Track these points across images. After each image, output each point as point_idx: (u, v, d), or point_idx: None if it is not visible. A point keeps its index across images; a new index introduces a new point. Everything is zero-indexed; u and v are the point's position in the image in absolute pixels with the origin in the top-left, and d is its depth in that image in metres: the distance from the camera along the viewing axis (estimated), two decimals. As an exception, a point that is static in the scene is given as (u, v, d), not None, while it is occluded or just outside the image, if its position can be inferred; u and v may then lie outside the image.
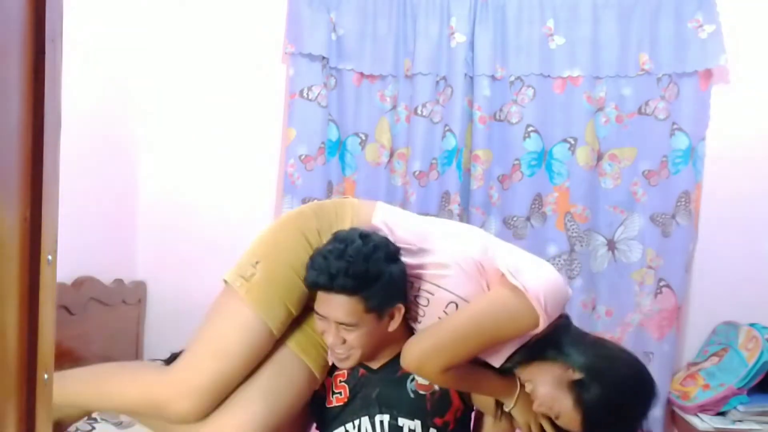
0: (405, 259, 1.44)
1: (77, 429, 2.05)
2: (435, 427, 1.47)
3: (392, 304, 1.43)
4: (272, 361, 1.44)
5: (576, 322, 2.70)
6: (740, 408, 2.44)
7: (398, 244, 1.44)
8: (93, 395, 1.48)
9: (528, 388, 1.39)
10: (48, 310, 0.65)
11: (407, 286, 1.45)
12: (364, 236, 1.39)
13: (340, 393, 1.52)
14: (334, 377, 1.55)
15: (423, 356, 1.37)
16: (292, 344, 1.47)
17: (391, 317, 1.44)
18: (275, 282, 1.42)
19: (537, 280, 1.35)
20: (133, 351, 2.82)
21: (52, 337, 0.68)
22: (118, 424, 2.17)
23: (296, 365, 1.46)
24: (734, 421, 2.44)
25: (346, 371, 1.53)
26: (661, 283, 2.69)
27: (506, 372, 1.44)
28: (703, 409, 2.49)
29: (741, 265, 2.72)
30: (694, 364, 2.69)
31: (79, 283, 2.35)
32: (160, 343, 2.84)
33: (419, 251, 1.45)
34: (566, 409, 1.33)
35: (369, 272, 1.35)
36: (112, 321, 2.61)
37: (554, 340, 1.39)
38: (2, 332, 0.60)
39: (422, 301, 1.45)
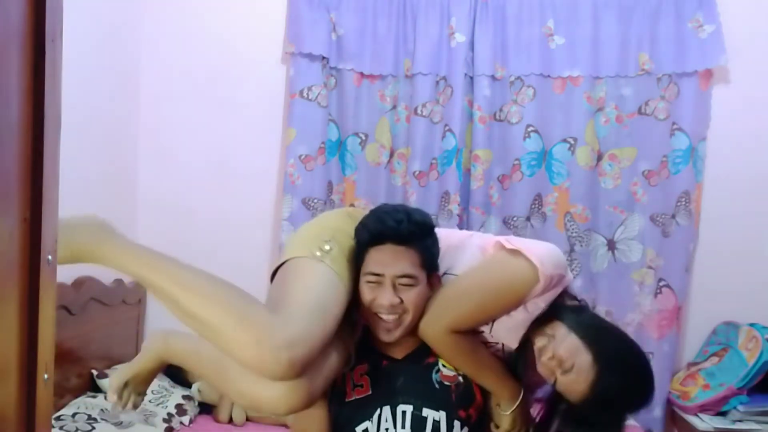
0: None
1: (77, 429, 2.05)
2: (459, 419, 1.43)
3: (437, 266, 1.46)
4: None
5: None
6: (740, 408, 2.44)
7: None
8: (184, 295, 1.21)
9: (540, 343, 1.36)
10: (48, 310, 0.65)
11: None
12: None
13: (361, 385, 1.46)
14: (354, 371, 1.49)
15: (428, 316, 1.39)
16: None
17: (432, 286, 1.45)
18: (348, 258, 1.43)
19: (530, 243, 1.42)
20: (133, 351, 2.82)
21: (52, 337, 0.68)
22: (118, 424, 2.17)
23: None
24: (734, 421, 2.44)
25: (367, 364, 1.48)
26: (661, 283, 2.69)
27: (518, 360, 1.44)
28: (703, 409, 2.49)
29: (741, 265, 2.73)
30: (694, 364, 2.70)
31: (79, 283, 2.35)
32: (160, 343, 2.85)
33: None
34: (584, 365, 1.29)
35: (426, 223, 1.43)
36: (112, 321, 2.61)
37: (573, 307, 1.41)
38: (2, 332, 0.60)
39: None
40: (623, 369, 1.31)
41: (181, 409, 2.41)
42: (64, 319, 2.21)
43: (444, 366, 1.47)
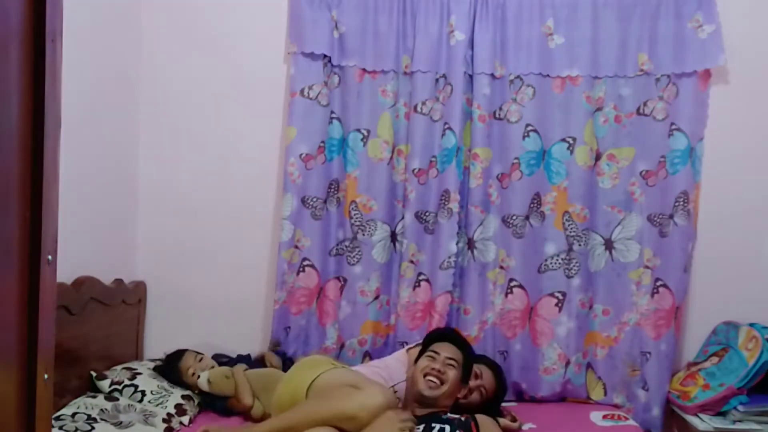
0: None
1: (77, 429, 2.05)
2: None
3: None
4: None
5: (574, 320, 2.71)
6: (740, 408, 2.44)
7: None
8: None
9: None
10: (48, 310, 0.65)
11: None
12: None
13: None
14: None
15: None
16: None
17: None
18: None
19: None
20: (133, 351, 2.82)
21: (52, 337, 0.68)
22: (118, 424, 2.17)
23: None
24: (734, 421, 2.44)
25: None
26: (658, 283, 2.69)
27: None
28: (703, 409, 2.49)
29: (741, 265, 2.73)
30: (694, 364, 2.70)
31: (79, 283, 2.35)
32: (159, 343, 2.85)
33: None
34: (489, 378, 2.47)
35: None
36: (112, 321, 2.61)
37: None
38: (3, 332, 0.60)
39: None
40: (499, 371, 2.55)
41: (180, 409, 2.41)
42: (64, 319, 2.21)
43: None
